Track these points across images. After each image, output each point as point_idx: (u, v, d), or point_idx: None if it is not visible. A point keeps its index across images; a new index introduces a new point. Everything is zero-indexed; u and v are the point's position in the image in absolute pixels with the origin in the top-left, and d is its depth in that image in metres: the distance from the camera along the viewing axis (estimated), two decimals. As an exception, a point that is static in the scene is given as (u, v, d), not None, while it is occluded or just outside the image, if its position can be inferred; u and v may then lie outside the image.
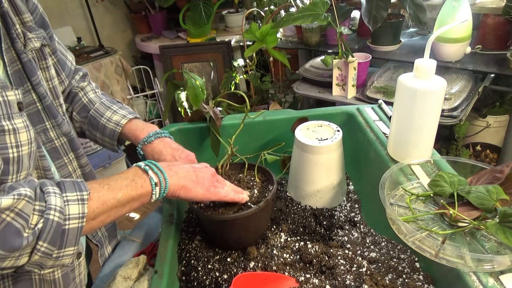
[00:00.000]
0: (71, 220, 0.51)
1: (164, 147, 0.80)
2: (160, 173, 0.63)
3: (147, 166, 0.63)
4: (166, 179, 0.63)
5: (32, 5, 0.70)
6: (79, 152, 0.77)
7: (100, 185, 0.57)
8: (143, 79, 2.87)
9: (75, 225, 0.52)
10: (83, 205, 0.53)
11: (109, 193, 0.57)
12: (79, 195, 0.53)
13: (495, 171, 0.67)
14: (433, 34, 0.74)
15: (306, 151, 0.87)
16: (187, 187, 0.66)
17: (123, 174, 0.61)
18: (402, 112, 0.77)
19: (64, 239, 0.51)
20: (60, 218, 0.50)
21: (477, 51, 1.62)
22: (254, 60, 1.88)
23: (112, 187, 0.58)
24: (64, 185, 0.54)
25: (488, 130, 1.89)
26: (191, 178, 0.67)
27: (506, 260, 0.55)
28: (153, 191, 0.62)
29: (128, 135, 0.83)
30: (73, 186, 0.54)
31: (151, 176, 0.62)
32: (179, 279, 0.76)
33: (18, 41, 0.63)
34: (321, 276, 0.69)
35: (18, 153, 0.55)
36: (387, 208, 0.65)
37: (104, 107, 0.84)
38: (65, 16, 2.54)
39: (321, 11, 1.40)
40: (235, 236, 0.76)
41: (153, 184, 0.61)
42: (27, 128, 0.57)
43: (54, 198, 0.51)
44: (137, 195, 0.60)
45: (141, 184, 0.61)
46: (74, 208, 0.52)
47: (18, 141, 0.55)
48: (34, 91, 0.66)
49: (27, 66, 0.64)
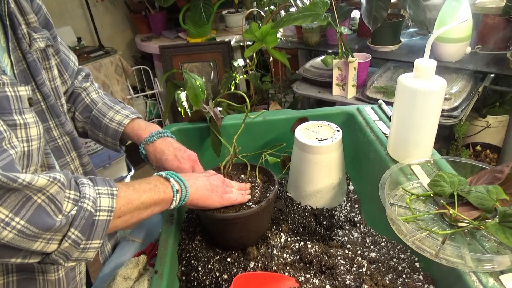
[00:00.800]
0: (101, 212, 0.53)
1: (167, 147, 0.80)
2: (181, 182, 0.66)
3: (169, 175, 0.66)
4: (187, 187, 0.66)
5: (37, 5, 0.71)
6: (81, 151, 0.78)
7: (126, 185, 0.60)
8: (143, 79, 2.87)
9: (104, 217, 0.53)
10: (113, 199, 0.55)
11: (134, 193, 0.59)
12: (109, 190, 0.55)
13: (495, 171, 0.67)
14: (433, 34, 0.74)
15: (306, 151, 0.87)
16: (205, 196, 0.69)
17: (146, 180, 0.64)
18: (402, 112, 0.77)
19: (93, 230, 0.52)
20: (93, 208, 0.52)
21: (477, 51, 1.62)
22: (254, 60, 1.88)
23: (137, 189, 0.60)
24: (96, 180, 0.56)
25: (488, 130, 1.89)
26: (207, 188, 0.70)
27: (506, 260, 0.55)
28: (174, 197, 0.64)
29: (130, 134, 0.83)
30: (103, 182, 0.57)
31: (173, 183, 0.65)
32: (179, 279, 0.76)
33: (23, 41, 0.64)
34: (321, 276, 0.69)
35: (28, 148, 0.56)
36: (387, 208, 0.65)
37: (106, 107, 0.84)
38: (65, 16, 2.54)
39: (321, 11, 1.40)
40: (236, 236, 0.76)
41: (175, 191, 0.64)
42: (37, 124, 0.58)
43: (89, 189, 0.53)
44: (159, 199, 0.62)
45: (164, 190, 0.63)
46: (105, 201, 0.54)
47: (29, 135, 0.56)
48: (39, 91, 0.67)
49: (32, 66, 0.65)
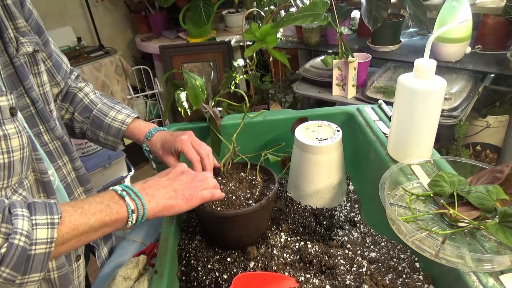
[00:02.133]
0: (38, 245, 0.49)
1: (164, 134, 0.84)
2: (138, 199, 0.60)
3: (124, 192, 0.60)
4: (144, 205, 0.60)
5: (28, 11, 0.71)
6: (73, 155, 0.78)
7: (73, 208, 0.54)
8: (143, 79, 2.87)
9: (42, 251, 0.49)
10: (52, 229, 0.50)
11: (81, 217, 0.54)
12: (49, 219, 0.50)
13: (495, 171, 0.67)
14: (433, 34, 0.74)
15: (306, 151, 0.87)
16: (168, 205, 0.63)
17: (98, 198, 0.58)
18: (402, 112, 0.77)
19: (29, 265, 0.48)
20: (26, 243, 0.47)
21: (477, 51, 1.62)
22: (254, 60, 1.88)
23: (85, 211, 0.55)
24: (35, 207, 0.51)
25: (488, 130, 1.89)
26: (170, 195, 0.63)
27: (506, 260, 0.55)
28: (129, 218, 0.59)
29: (132, 133, 0.86)
30: (44, 209, 0.51)
31: (128, 202, 0.59)
32: (179, 279, 0.76)
33: (10, 45, 0.64)
34: (321, 276, 0.69)
35: (9, 159, 0.55)
36: (387, 208, 0.65)
37: (107, 107, 0.86)
38: (65, 16, 2.54)
39: (321, 11, 1.40)
40: (236, 234, 0.76)
41: (130, 212, 0.58)
42: (19, 134, 0.57)
43: (22, 222, 0.48)
44: (111, 221, 0.57)
45: (117, 210, 0.58)
46: (43, 233, 0.49)
47: (9, 147, 0.55)
48: (27, 95, 0.67)
49: (20, 70, 0.65)
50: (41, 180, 0.66)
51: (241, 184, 0.81)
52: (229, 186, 0.80)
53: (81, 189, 0.82)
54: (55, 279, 0.67)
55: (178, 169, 0.68)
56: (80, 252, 0.78)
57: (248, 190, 0.79)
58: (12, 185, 0.57)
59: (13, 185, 0.58)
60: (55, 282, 0.67)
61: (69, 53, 2.37)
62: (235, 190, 0.79)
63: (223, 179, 0.83)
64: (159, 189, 0.63)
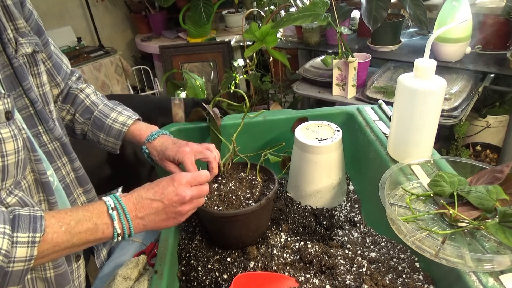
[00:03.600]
0: (16, 263, 0.49)
1: (166, 140, 0.83)
2: (126, 223, 0.60)
3: (115, 211, 0.59)
4: (131, 228, 0.60)
5: (28, 11, 0.71)
6: (72, 156, 0.78)
7: (59, 222, 0.54)
8: (143, 79, 2.87)
9: (20, 268, 0.50)
10: (33, 248, 0.50)
11: (65, 235, 0.54)
12: (31, 237, 0.50)
13: (495, 171, 0.67)
14: (433, 34, 0.74)
15: (306, 151, 0.87)
16: (155, 227, 0.64)
17: (88, 213, 0.58)
18: (402, 112, 0.77)
19: (6, 280, 0.49)
20: (3, 261, 0.48)
21: (477, 51, 1.62)
22: (254, 60, 1.88)
23: (71, 229, 0.55)
24: (19, 222, 0.51)
25: (488, 130, 1.89)
26: (160, 219, 0.63)
27: (506, 260, 0.55)
28: (114, 239, 0.60)
29: (132, 135, 0.86)
30: (27, 224, 0.51)
31: (116, 226, 0.59)
32: (179, 279, 0.76)
33: (9, 46, 0.64)
34: (321, 276, 0.69)
35: (3, 163, 0.55)
36: (387, 208, 0.65)
37: (108, 109, 0.86)
38: (65, 16, 2.54)
39: (321, 11, 1.40)
40: (236, 234, 0.76)
41: (115, 234, 0.59)
42: (14, 138, 0.57)
43: (1, 240, 0.48)
44: (95, 239, 0.58)
45: (103, 231, 0.58)
46: (22, 251, 0.49)
47: (4, 150, 0.55)
48: (26, 96, 0.66)
49: (18, 71, 0.65)
50: (40, 181, 0.66)
51: (241, 184, 0.81)
52: (229, 186, 0.80)
53: (80, 190, 0.81)
54: (51, 278, 0.66)
55: (176, 187, 0.64)
56: (80, 253, 0.78)
57: (248, 190, 0.79)
58: (6, 187, 0.57)
59: (7, 187, 0.58)
60: (51, 281, 0.67)
61: (69, 53, 2.37)
62: (235, 190, 0.79)
63: (223, 179, 0.83)
64: (150, 213, 0.62)
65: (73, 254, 0.75)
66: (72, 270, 0.73)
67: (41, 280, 0.66)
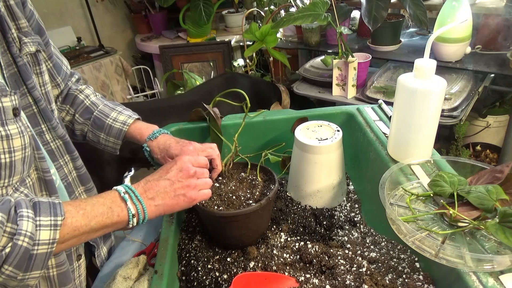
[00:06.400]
0: (40, 246, 0.50)
1: (168, 139, 0.83)
2: (139, 203, 0.61)
3: (127, 194, 0.61)
4: (145, 209, 0.62)
5: (29, 11, 0.71)
6: (74, 154, 0.78)
7: (76, 209, 0.56)
8: (143, 79, 2.87)
9: (44, 251, 0.51)
10: (55, 231, 0.52)
11: (83, 219, 0.55)
12: (53, 220, 0.52)
13: (495, 171, 0.67)
14: (433, 34, 0.74)
15: (306, 151, 0.87)
16: (170, 207, 0.64)
17: (101, 199, 0.59)
18: (402, 112, 0.77)
19: (31, 263, 0.50)
20: (29, 244, 0.49)
21: (477, 51, 1.62)
22: (254, 60, 1.88)
23: (88, 213, 0.56)
24: (40, 208, 0.52)
25: (488, 130, 1.89)
26: (170, 196, 0.64)
27: (506, 260, 0.55)
28: (130, 221, 0.60)
29: (133, 133, 0.86)
30: (48, 209, 0.53)
31: (129, 206, 0.60)
32: (179, 279, 0.76)
33: (14, 45, 0.64)
34: (321, 276, 0.69)
35: (11, 159, 0.56)
36: (387, 208, 0.65)
37: (108, 108, 0.87)
38: (65, 16, 2.54)
39: (321, 11, 1.40)
40: (236, 234, 0.76)
41: (130, 215, 0.60)
42: (21, 134, 0.57)
43: (26, 223, 0.50)
44: (112, 223, 0.59)
45: (118, 213, 0.59)
46: (46, 234, 0.51)
47: (11, 146, 0.56)
48: (30, 94, 0.67)
49: (23, 69, 0.65)
50: (43, 179, 0.66)
51: (242, 184, 0.81)
52: (229, 186, 0.80)
53: (81, 188, 0.82)
54: (54, 277, 0.67)
55: (179, 165, 0.68)
56: (81, 252, 0.78)
57: (248, 190, 0.79)
58: (13, 184, 0.58)
59: (14, 184, 0.58)
60: (54, 280, 0.67)
61: (69, 53, 2.37)
62: (236, 190, 0.79)
63: (224, 179, 0.83)
64: (159, 191, 0.64)
65: (74, 253, 0.75)
66: (73, 269, 0.73)
67: (44, 279, 0.66)
